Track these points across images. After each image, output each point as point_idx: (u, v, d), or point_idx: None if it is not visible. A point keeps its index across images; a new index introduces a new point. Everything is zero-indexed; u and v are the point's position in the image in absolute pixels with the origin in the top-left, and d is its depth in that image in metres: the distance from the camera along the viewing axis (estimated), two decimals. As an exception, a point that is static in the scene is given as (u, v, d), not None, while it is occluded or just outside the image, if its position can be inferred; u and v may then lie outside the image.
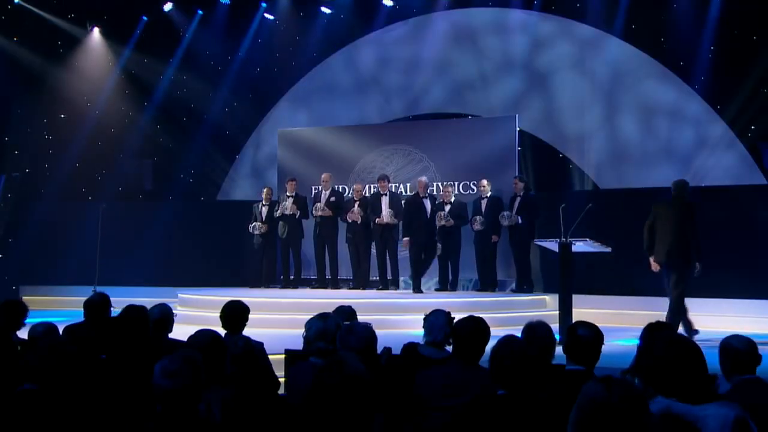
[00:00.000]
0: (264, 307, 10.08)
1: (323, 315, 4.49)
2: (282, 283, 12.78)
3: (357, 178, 13.20)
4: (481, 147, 12.50)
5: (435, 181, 12.80)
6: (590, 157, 13.01)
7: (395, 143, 13.17)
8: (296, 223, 12.59)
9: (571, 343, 3.85)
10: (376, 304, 10.24)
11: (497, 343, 3.50)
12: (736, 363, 3.84)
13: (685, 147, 12.26)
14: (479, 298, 10.98)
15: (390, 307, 10.26)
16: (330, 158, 13.27)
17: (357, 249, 12.24)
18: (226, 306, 5.32)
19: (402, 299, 10.80)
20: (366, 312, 7.56)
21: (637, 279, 11.01)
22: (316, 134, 13.81)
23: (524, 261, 11.64)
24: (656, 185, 11.88)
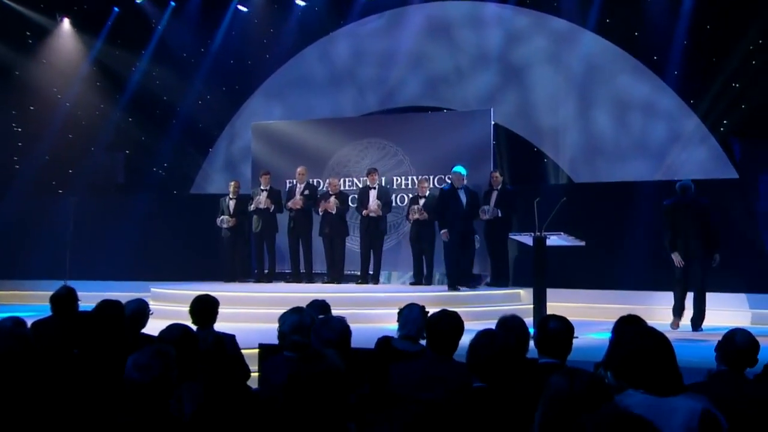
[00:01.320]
0: (238, 302, 10.06)
1: (297, 309, 4.50)
2: (256, 277, 12.76)
3: (332, 172, 13.19)
4: (456, 141, 12.53)
5: (410, 175, 12.83)
6: (565, 151, 13.09)
7: (370, 137, 13.17)
8: (270, 217, 12.57)
9: (542, 337, 3.90)
10: (351, 298, 10.26)
11: (476, 336, 3.54)
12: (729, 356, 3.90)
13: (659, 141, 12.37)
14: (455, 293, 11.02)
15: (364, 301, 10.28)
16: (304, 152, 13.25)
17: (332, 243, 12.25)
18: (195, 300, 5.33)
19: (376, 293, 10.83)
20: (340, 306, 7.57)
21: (611, 273, 11.13)
22: (290, 127, 13.78)
23: (500, 255, 11.71)
24: (630, 179, 12.00)
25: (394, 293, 10.63)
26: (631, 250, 11.08)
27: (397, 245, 12.83)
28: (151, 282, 11.85)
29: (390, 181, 12.97)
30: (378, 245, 12.20)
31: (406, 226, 12.55)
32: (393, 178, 12.98)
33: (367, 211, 12.06)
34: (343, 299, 9.69)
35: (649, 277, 10.78)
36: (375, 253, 12.20)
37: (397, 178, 12.99)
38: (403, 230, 12.70)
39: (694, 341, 8.39)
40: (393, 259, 12.77)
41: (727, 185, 11.04)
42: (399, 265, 12.92)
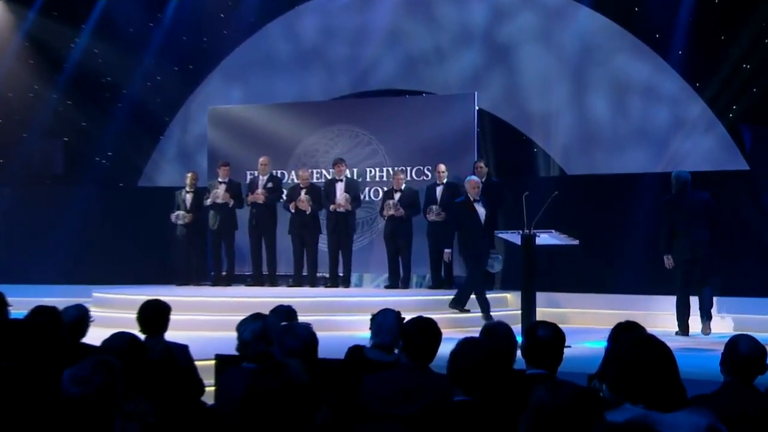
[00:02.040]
0: (192, 307, 10.03)
1: (258, 315, 4.49)
2: (213, 279, 12.73)
3: (298, 163, 13.17)
4: (436, 128, 12.55)
5: (385, 166, 12.85)
6: (556, 139, 13.15)
7: (340, 123, 13.16)
8: (229, 212, 12.54)
9: (530, 346, 3.92)
10: (319, 303, 10.28)
11: (458, 344, 3.55)
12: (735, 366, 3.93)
13: (661, 129, 12.46)
14: (433, 297, 11.05)
15: (334, 306, 10.30)
16: (268, 140, 13.22)
17: (303, 242, 12.24)
18: (143, 306, 5.31)
19: (346, 297, 10.84)
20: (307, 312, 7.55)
21: (608, 275, 11.20)
22: (251, 113, 13.73)
23: (484, 255, 11.76)
24: (628, 171, 12.08)
25: (367, 298, 10.65)
26: (630, 249, 11.16)
27: (369, 244, 12.84)
28: (93, 286, 11.77)
29: (363, 172, 12.97)
30: (347, 244, 12.22)
31: (379, 223, 12.57)
32: (366, 169, 12.99)
33: (334, 205, 12.07)
34: (309, 304, 9.68)
35: (649, 279, 10.85)
36: (344, 252, 12.21)
37: (371, 170, 12.99)
38: (377, 227, 12.72)
39: (699, 350, 8.46)
40: (365, 259, 12.78)
41: (736, 177, 11.14)
42: (372, 267, 12.94)
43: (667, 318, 9.85)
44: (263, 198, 12.31)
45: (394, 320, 4.66)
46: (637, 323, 4.38)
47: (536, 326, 4.02)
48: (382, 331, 4.62)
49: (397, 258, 12.06)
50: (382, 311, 4.79)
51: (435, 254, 11.94)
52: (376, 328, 4.67)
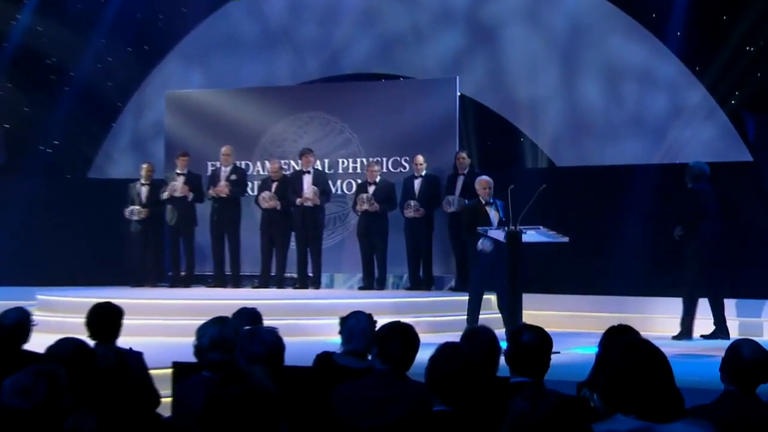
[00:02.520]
0: (148, 311, 10.00)
1: (219, 319, 4.48)
2: (171, 280, 12.69)
3: (264, 153, 13.15)
4: (414, 116, 12.56)
5: (358, 157, 12.85)
6: (545, 128, 13.20)
7: (310, 110, 13.15)
8: (188, 207, 12.50)
9: (514, 352, 3.93)
10: (286, 306, 10.28)
11: (437, 350, 3.56)
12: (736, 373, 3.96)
13: (658, 117, 12.52)
14: (411, 299, 11.10)
15: (302, 309, 10.31)
16: (231, 128, 13.18)
17: (271, 240, 12.23)
18: (93, 309, 5.29)
19: (316, 300, 10.85)
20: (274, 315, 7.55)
21: (600, 275, 11.26)
22: (212, 98, 13.68)
23: (467, 253, 11.77)
24: (623, 162, 12.14)
25: (338, 300, 10.64)
26: (624, 247, 11.22)
27: (341, 242, 12.85)
28: (36, 287, 11.67)
29: (335, 164, 12.97)
30: (316, 242, 12.23)
31: (352, 218, 12.58)
32: (338, 160, 13.00)
33: (301, 199, 12.06)
34: (276, 307, 9.66)
35: (645, 280, 10.95)
36: (313, 251, 12.22)
37: (344, 161, 13.00)
38: (350, 224, 12.72)
39: (697, 356, 8.53)
40: (337, 258, 12.79)
41: (738, 169, 11.22)
42: (344, 266, 12.95)
43: (663, 321, 9.95)
44: (226, 191, 12.27)
45: (367, 323, 4.66)
46: (630, 327, 4.40)
47: (521, 330, 4.03)
48: (355, 335, 4.62)
49: (371, 257, 12.07)
50: (354, 314, 4.79)
51: (413, 252, 11.97)
52: (347, 332, 4.67)
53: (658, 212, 11.14)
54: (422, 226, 11.89)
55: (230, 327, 4.42)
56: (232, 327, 4.43)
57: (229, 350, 4.25)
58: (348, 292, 12.41)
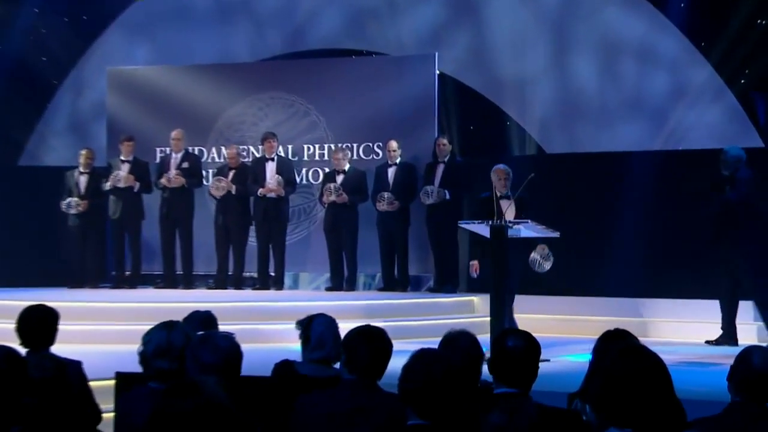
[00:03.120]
0: (88, 315, 9.94)
1: (168, 324, 4.46)
2: (114, 281, 12.62)
3: (220, 138, 13.11)
4: (388, 96, 12.58)
5: (326, 143, 12.85)
6: (533, 111, 13.22)
7: (272, 90, 13.13)
8: (134, 198, 12.44)
9: (498, 359, 3.93)
10: (245, 309, 10.27)
11: (412, 357, 3.56)
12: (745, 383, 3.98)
13: (658, 98, 12.56)
14: (385, 301, 11.14)
15: (263, 313, 10.29)
16: (182, 110, 13.14)
17: (227, 234, 12.20)
18: (25, 313, 5.25)
19: (278, 302, 10.85)
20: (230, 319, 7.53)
21: (594, 275, 11.30)
22: (161, 76, 13.63)
23: (447, 250, 11.80)
24: (620, 149, 12.18)
25: (303, 302, 10.61)
26: (622, 244, 11.26)
27: (307, 237, 12.84)
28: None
29: (299, 150, 12.95)
30: (279, 237, 12.22)
31: (319, 211, 12.57)
32: (303, 146, 12.99)
33: (264, 190, 12.04)
34: (233, 310, 9.68)
35: (644, 280, 10.99)
36: (276, 248, 12.21)
37: (309, 147, 12.99)
38: (316, 217, 12.71)
39: (702, 364, 8.59)
40: (302, 255, 12.78)
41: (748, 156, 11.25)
42: (310, 264, 12.94)
43: (664, 326, 10.02)
44: (180, 181, 12.21)
45: (331, 327, 4.66)
46: (627, 332, 4.42)
47: (506, 335, 4.04)
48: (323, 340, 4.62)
49: (340, 254, 12.08)
50: (315, 316, 4.78)
51: (386, 249, 11.98)
52: (313, 337, 4.67)
53: (659, 204, 11.20)
54: (397, 220, 11.90)
55: (180, 332, 4.40)
56: (182, 332, 4.40)
57: (178, 358, 4.23)
58: (313, 294, 12.40)
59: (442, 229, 11.69)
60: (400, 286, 11.96)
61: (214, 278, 12.49)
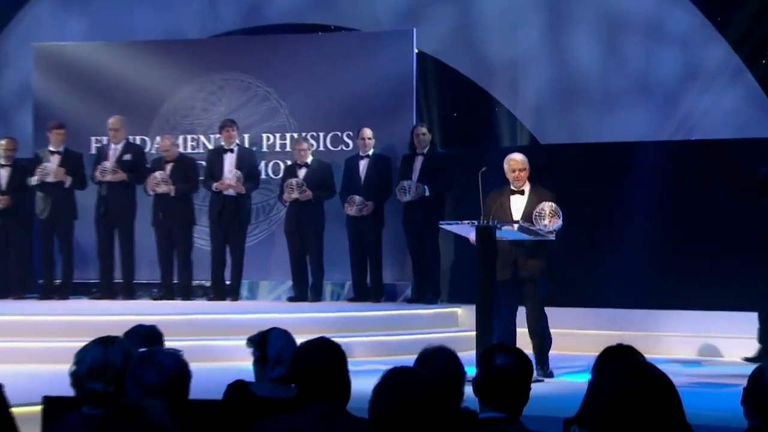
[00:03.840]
0: (10, 330, 9.93)
1: (104, 340, 4.44)
2: (42, 290, 12.55)
3: (165, 125, 13.07)
4: (360, 79, 12.59)
5: (288, 132, 12.82)
6: (526, 95, 13.25)
7: (225, 70, 13.09)
8: (65, 195, 12.38)
9: (485, 379, 3.93)
10: (195, 323, 10.27)
11: (383, 377, 3.55)
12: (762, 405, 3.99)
13: (668, 81, 12.62)
14: (355, 312, 11.13)
15: (216, 327, 10.30)
16: (121, 93, 13.09)
17: (170, 235, 12.17)
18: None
19: (234, 315, 10.84)
20: (178, 335, 7.51)
21: (595, 282, 11.33)
22: (97, 54, 13.56)
23: (426, 255, 11.81)
24: (624, 139, 12.22)
25: (261, 315, 10.59)
26: (626, 247, 11.30)
27: (268, 240, 12.82)
28: None
29: (258, 140, 12.93)
30: (238, 240, 12.19)
31: (280, 210, 12.55)
32: (263, 135, 12.97)
33: (220, 184, 12.03)
34: (181, 324, 9.67)
35: (652, 288, 11.02)
36: (234, 252, 12.18)
37: (269, 136, 12.97)
38: (276, 217, 12.70)
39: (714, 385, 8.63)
40: (260, 261, 12.77)
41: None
42: (272, 271, 12.93)
43: (673, 340, 10.05)
44: (120, 176, 12.14)
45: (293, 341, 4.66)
46: (631, 348, 4.43)
47: (493, 352, 4.04)
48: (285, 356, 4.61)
49: (303, 259, 12.08)
50: (270, 331, 4.78)
51: (357, 253, 11.97)
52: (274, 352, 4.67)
53: (670, 202, 11.23)
54: (369, 220, 11.89)
55: (118, 349, 4.37)
56: (120, 349, 4.38)
57: (116, 379, 4.21)
58: (273, 305, 12.38)
59: (421, 231, 11.69)
60: (373, 296, 11.96)
61: (159, 287, 12.44)
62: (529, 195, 9.19)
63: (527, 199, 9.17)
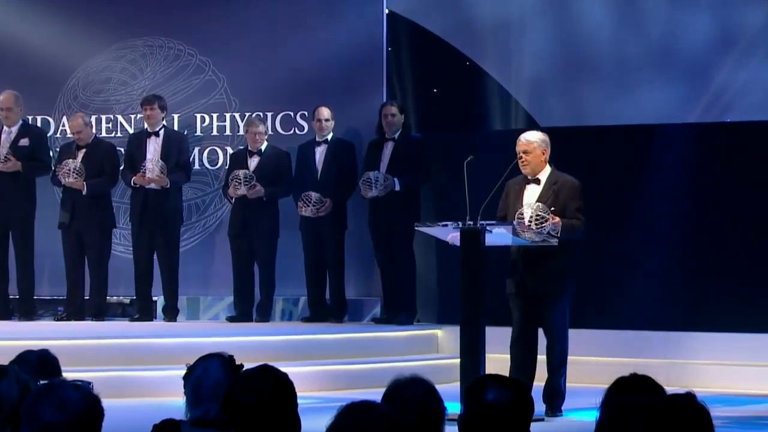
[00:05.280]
0: None
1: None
2: None
3: (73, 103, 13.04)
4: (317, 47, 12.61)
5: (229, 111, 12.81)
6: (522, 69, 13.28)
7: (148, 35, 13.09)
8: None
9: (473, 417, 3.93)
10: (111, 348, 10.25)
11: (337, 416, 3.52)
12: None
13: (697, 51, 12.66)
14: (310, 336, 11.16)
15: (137, 354, 10.28)
16: (16, 63, 13.10)
17: (80, 240, 12.13)
18: None
19: (160, 339, 10.82)
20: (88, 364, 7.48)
21: (606, 299, 11.35)
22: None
23: (399, 265, 11.81)
24: (642, 121, 12.25)
25: (195, 339, 10.63)
26: (646, 254, 11.34)
27: (202, 246, 12.81)
28: None
29: (189, 121, 12.91)
30: (168, 245, 12.18)
31: (221, 209, 12.53)
32: (196, 116, 12.97)
33: (139, 177, 12.03)
34: (94, 350, 9.74)
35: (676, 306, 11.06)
36: (163, 261, 12.18)
37: (204, 117, 12.96)
38: (214, 217, 12.69)
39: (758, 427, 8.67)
40: (200, 272, 12.76)
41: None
42: (213, 285, 12.89)
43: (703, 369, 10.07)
44: (15, 165, 12.08)
45: (222, 373, 4.63)
46: (648, 378, 4.41)
47: (484, 384, 4.04)
48: (204, 393, 4.59)
49: (250, 268, 12.10)
50: (203, 360, 4.75)
51: (315, 262, 11.96)
52: (192, 388, 4.65)
53: (698, 198, 11.25)
54: (329, 221, 11.89)
55: (13, 381, 4.36)
56: (16, 381, 4.37)
57: (10, 418, 4.20)
58: (210, 326, 12.35)
59: (391, 235, 11.70)
60: (334, 314, 11.96)
61: (65, 305, 12.38)
62: (544, 185, 9.21)
63: (541, 190, 9.18)
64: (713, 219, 11.24)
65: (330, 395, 9.01)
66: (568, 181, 9.14)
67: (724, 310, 10.75)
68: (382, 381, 4.56)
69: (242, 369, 4.62)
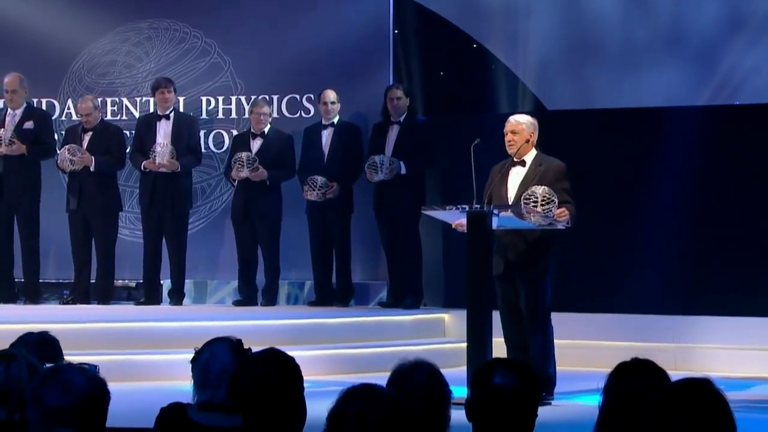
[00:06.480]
0: None
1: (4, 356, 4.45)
2: None
3: (78, 86, 13.06)
4: (323, 29, 12.62)
5: (234, 94, 12.81)
6: (528, 51, 13.25)
7: (153, 17, 13.09)
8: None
9: (480, 401, 3.95)
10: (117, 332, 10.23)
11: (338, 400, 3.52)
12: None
13: (706, 32, 12.63)
14: (316, 319, 11.16)
15: (143, 337, 10.29)
16: (22, 46, 13.10)
17: (86, 225, 12.15)
18: None
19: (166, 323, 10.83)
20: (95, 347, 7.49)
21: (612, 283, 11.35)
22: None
23: (405, 249, 11.81)
24: (651, 104, 12.23)
25: (200, 323, 10.63)
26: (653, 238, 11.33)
27: (208, 229, 12.83)
28: None
29: (195, 104, 12.93)
30: (177, 229, 12.20)
31: (225, 192, 12.57)
32: (202, 98, 12.98)
33: (149, 163, 12.03)
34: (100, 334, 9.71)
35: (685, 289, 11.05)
36: (172, 245, 12.19)
37: (210, 100, 12.96)
38: (220, 201, 12.72)
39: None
40: (206, 255, 12.80)
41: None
42: (220, 268, 12.93)
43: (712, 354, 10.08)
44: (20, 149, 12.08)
45: (230, 357, 4.64)
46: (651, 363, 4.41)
47: (491, 368, 4.04)
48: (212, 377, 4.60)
49: (254, 253, 12.11)
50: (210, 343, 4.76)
51: (320, 247, 11.95)
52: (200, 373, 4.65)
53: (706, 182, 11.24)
54: (335, 205, 11.88)
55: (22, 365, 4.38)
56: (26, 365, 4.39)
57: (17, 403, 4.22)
58: (216, 310, 12.35)
59: (398, 219, 11.72)
60: (340, 299, 11.98)
61: (71, 288, 12.41)
62: (529, 166, 9.20)
63: (526, 171, 9.18)
64: (722, 202, 11.23)
65: (336, 379, 9.01)
66: (553, 163, 9.15)
67: (732, 295, 10.76)
68: (388, 365, 4.57)
69: (250, 353, 4.65)
